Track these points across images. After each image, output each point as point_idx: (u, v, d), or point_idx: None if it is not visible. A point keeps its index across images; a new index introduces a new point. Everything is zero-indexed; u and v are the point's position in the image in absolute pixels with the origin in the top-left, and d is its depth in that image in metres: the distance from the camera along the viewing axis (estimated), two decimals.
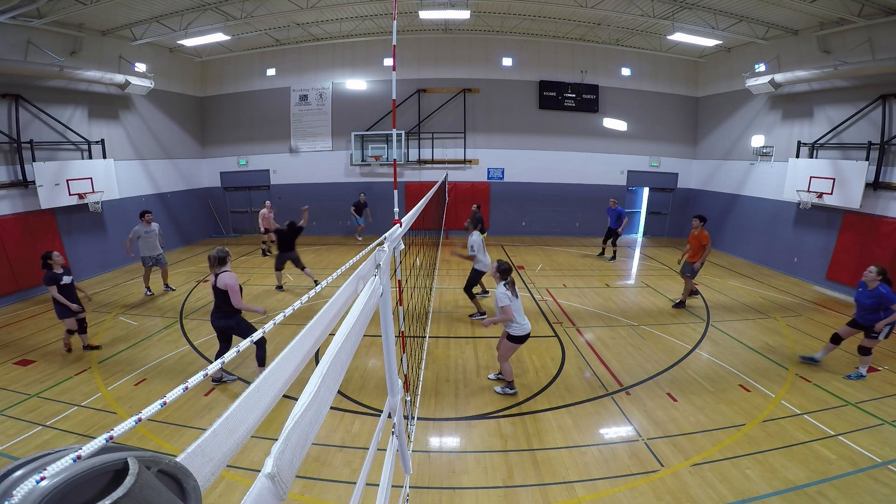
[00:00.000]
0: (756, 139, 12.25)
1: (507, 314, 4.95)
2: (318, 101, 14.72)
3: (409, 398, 3.55)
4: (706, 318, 8.02)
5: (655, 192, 15.68)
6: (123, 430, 0.44)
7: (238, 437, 0.60)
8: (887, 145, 8.99)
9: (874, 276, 5.48)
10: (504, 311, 4.96)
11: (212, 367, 0.62)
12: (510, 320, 5.02)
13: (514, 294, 5.04)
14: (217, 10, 10.61)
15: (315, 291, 1.08)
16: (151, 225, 8.91)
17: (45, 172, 9.45)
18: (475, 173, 14.96)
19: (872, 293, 5.45)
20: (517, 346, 5.22)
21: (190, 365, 6.16)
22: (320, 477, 4.00)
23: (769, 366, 6.21)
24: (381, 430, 1.91)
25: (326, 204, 15.19)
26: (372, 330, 1.40)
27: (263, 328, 0.78)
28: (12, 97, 9.14)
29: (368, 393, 5.38)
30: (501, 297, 4.98)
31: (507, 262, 5.16)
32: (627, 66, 14.53)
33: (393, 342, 1.86)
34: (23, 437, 4.52)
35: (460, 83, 14.36)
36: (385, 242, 1.65)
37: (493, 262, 5.25)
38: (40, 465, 0.36)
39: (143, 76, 11.77)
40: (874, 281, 5.48)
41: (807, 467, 4.13)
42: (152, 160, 13.08)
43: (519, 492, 3.87)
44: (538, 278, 10.42)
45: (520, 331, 5.10)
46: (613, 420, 4.96)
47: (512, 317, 4.98)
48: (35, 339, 7.03)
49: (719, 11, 10.41)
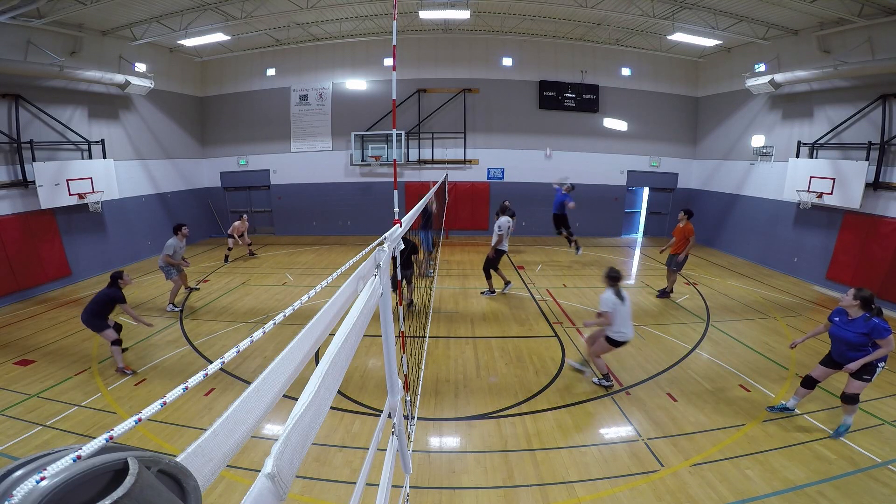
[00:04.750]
0: (756, 139, 12.25)
1: (606, 319, 5.14)
2: (318, 101, 14.72)
3: (409, 398, 3.55)
4: (706, 318, 8.02)
5: (655, 192, 15.68)
6: (123, 430, 0.44)
7: (238, 437, 0.60)
8: (887, 145, 8.99)
9: (855, 303, 4.24)
10: (602, 316, 5.16)
11: (212, 367, 0.62)
12: (609, 325, 5.17)
13: (620, 300, 5.10)
14: (217, 10, 10.61)
15: (315, 291, 1.08)
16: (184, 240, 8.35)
17: (45, 172, 9.45)
18: (475, 173, 14.96)
19: (862, 326, 4.22)
20: (612, 349, 5.36)
21: (190, 365, 6.16)
22: (320, 477, 4.00)
23: (769, 366, 6.21)
24: (381, 430, 1.91)
25: (326, 204, 15.21)
26: (372, 330, 1.40)
27: (263, 328, 0.78)
28: (12, 97, 9.14)
29: (368, 393, 5.38)
30: (605, 301, 5.13)
31: (618, 270, 5.22)
32: (627, 66, 14.52)
33: (393, 342, 1.86)
34: (23, 437, 4.52)
35: (460, 83, 14.36)
36: (385, 242, 1.65)
37: (605, 269, 5.34)
38: (40, 465, 0.36)
39: (143, 76, 11.76)
40: (856, 309, 4.26)
41: (807, 467, 4.13)
42: (152, 160, 13.08)
43: (519, 492, 3.87)
44: (538, 278, 10.42)
45: (620, 337, 5.21)
46: (613, 420, 4.96)
47: (611, 322, 5.13)
48: (35, 339, 7.03)
49: (719, 11, 10.40)
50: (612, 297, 5.09)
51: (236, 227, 11.83)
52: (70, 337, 7.03)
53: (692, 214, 8.79)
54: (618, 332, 5.17)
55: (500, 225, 8.53)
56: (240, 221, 11.94)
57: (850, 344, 4.29)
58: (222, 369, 5.71)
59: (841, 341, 4.38)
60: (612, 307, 5.07)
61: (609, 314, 5.09)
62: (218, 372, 5.49)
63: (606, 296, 5.13)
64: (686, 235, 8.54)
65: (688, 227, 8.55)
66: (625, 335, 5.19)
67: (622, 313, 5.12)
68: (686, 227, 8.56)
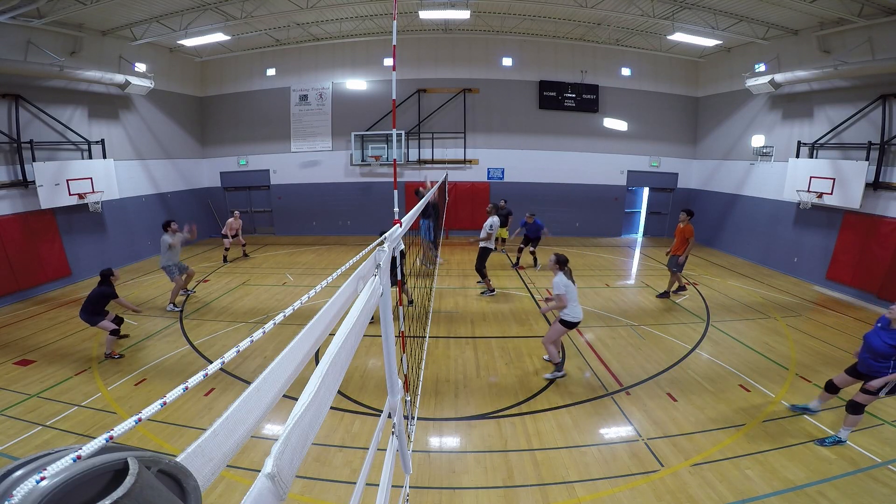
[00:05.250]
0: (756, 139, 12.25)
1: (562, 301, 5.31)
2: (318, 101, 14.72)
3: (409, 398, 3.54)
4: (706, 318, 8.02)
5: (655, 192, 15.68)
6: (123, 430, 0.44)
7: (238, 437, 0.60)
8: (887, 145, 8.99)
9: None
10: (559, 299, 5.32)
11: (212, 367, 0.62)
12: (564, 307, 5.36)
13: (572, 282, 5.41)
14: (217, 10, 10.61)
15: (315, 291, 1.08)
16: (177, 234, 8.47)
17: (45, 172, 9.45)
18: (475, 173, 14.96)
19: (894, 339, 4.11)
20: (566, 331, 5.56)
21: (190, 365, 6.16)
22: (320, 477, 4.00)
23: (769, 366, 6.21)
24: (381, 430, 1.91)
25: (326, 204, 15.21)
26: (372, 330, 1.40)
27: (263, 328, 0.78)
28: (12, 97, 9.14)
29: (368, 393, 5.38)
30: (559, 285, 5.33)
31: (564, 255, 5.55)
32: (627, 66, 14.52)
33: (393, 342, 1.86)
34: (23, 437, 4.52)
35: (460, 83, 14.36)
36: (385, 242, 1.65)
37: (551, 255, 5.61)
38: (40, 465, 0.36)
39: (143, 76, 11.76)
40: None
41: (807, 467, 4.13)
42: (152, 160, 13.08)
43: (519, 492, 3.87)
44: (538, 278, 10.42)
45: (573, 318, 5.44)
46: (613, 420, 4.96)
47: (566, 303, 5.32)
48: (35, 339, 7.03)
49: (719, 11, 10.40)
50: (564, 280, 5.35)
51: (230, 224, 11.84)
52: (70, 337, 7.03)
53: (692, 214, 8.78)
54: (571, 314, 5.42)
55: (493, 224, 8.63)
56: (232, 218, 11.95)
57: (875, 352, 4.19)
58: (222, 369, 5.71)
59: (868, 347, 4.29)
60: (564, 289, 5.31)
61: (563, 296, 5.30)
62: (218, 372, 5.49)
63: (558, 279, 5.37)
64: (685, 236, 8.53)
65: (687, 228, 8.54)
66: (577, 316, 5.46)
67: (573, 295, 5.40)
68: (686, 228, 8.55)
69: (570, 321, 5.45)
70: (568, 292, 5.33)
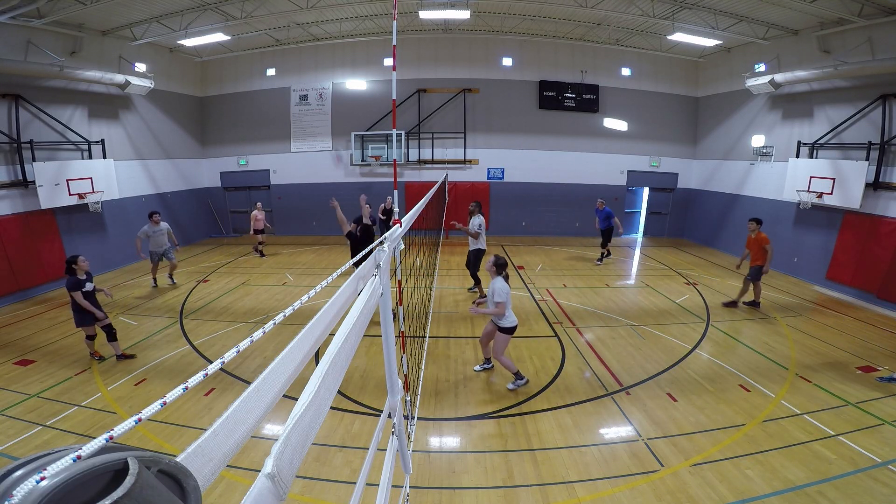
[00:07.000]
0: (756, 139, 12.25)
1: (501, 309, 5.07)
2: (318, 101, 14.72)
3: (409, 398, 3.54)
4: (706, 318, 8.02)
5: (655, 192, 15.68)
6: (123, 430, 0.44)
7: (238, 437, 0.60)
8: (887, 145, 8.99)
9: None
10: (499, 307, 5.07)
11: (212, 367, 0.62)
12: (503, 314, 5.11)
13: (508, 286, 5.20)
14: (217, 10, 10.61)
15: (315, 291, 1.08)
16: (160, 225, 9.40)
17: (45, 172, 9.45)
18: (475, 173, 14.96)
19: None
20: (510, 338, 5.33)
21: (190, 365, 6.16)
22: (320, 477, 4.00)
23: (769, 366, 6.21)
24: (381, 430, 1.91)
25: (327, 204, 15.17)
26: (372, 330, 1.40)
27: (263, 328, 0.78)
28: (12, 97, 9.14)
29: (368, 393, 5.38)
30: (501, 292, 5.06)
31: (504, 258, 5.32)
32: (627, 66, 14.52)
33: (393, 342, 1.86)
34: (23, 437, 4.52)
35: (460, 83, 14.36)
36: (385, 242, 1.65)
37: (490, 257, 5.37)
38: (40, 465, 0.36)
39: (143, 76, 11.76)
40: None
41: (807, 467, 4.13)
42: (152, 160, 13.08)
43: (519, 492, 3.87)
44: (538, 278, 10.42)
45: (512, 323, 5.22)
46: (613, 420, 4.96)
47: (504, 311, 5.09)
48: (35, 339, 7.03)
49: (719, 11, 10.40)
50: (506, 286, 5.11)
51: (254, 216, 12.09)
52: (70, 337, 7.02)
53: (761, 223, 8.38)
54: (510, 320, 5.19)
55: (481, 223, 8.38)
56: (256, 210, 12.24)
57: None
58: (222, 369, 5.71)
59: None
60: (506, 297, 5.07)
61: (503, 304, 5.05)
62: (218, 372, 5.49)
63: (500, 285, 5.09)
64: (762, 245, 8.15)
65: (760, 237, 8.17)
66: (514, 320, 5.23)
67: (510, 302, 5.17)
68: (759, 237, 8.18)
69: (510, 327, 5.21)
70: (508, 299, 5.13)
